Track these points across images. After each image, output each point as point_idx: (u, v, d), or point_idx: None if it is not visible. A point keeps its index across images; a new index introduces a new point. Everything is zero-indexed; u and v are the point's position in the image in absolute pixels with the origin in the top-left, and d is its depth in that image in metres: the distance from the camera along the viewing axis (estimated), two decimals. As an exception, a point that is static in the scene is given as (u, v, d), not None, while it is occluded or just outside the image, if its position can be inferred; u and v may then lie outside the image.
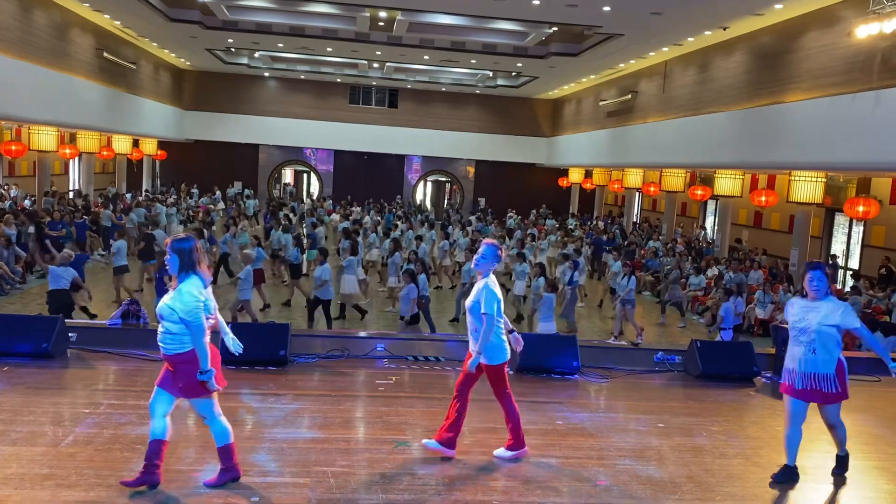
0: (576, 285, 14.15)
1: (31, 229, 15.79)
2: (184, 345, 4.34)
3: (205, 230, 16.84)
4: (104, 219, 19.44)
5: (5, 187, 22.46)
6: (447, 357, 8.20)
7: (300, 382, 7.09)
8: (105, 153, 24.51)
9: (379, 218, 23.34)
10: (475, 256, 5.33)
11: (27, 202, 20.70)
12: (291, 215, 22.36)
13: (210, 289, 4.50)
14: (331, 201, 30.73)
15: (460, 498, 4.69)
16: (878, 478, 5.56)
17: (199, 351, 4.31)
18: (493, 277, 5.28)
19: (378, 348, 8.16)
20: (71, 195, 23.69)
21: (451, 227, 22.17)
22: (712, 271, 16.69)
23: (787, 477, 5.14)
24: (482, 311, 5.13)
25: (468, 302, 5.27)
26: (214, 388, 4.37)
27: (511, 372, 7.83)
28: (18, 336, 7.03)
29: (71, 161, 26.76)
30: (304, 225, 20.21)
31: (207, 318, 4.40)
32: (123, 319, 8.23)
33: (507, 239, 19.56)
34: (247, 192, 31.29)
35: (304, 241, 16.75)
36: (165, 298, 4.40)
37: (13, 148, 17.72)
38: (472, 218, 26.71)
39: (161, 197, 25.65)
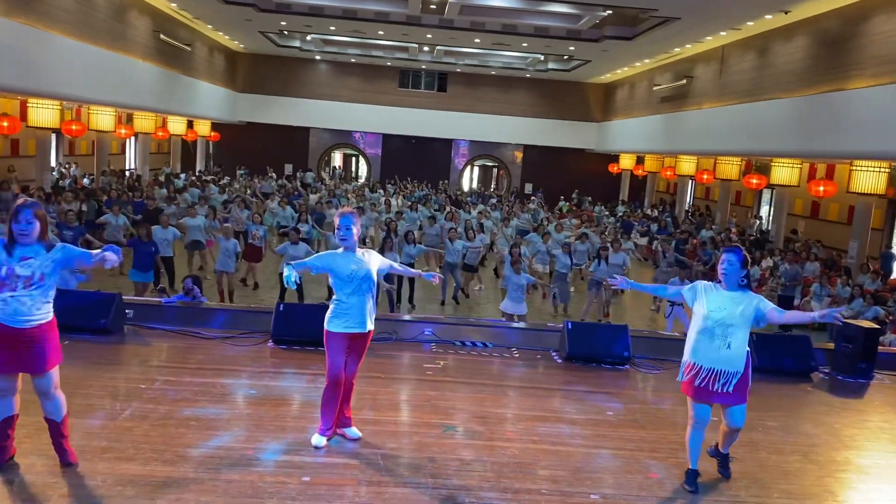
0: (576, 271, 14.47)
1: (85, 207, 16.11)
2: (49, 313, 4.21)
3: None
4: (158, 198, 19.82)
5: (66, 166, 23.13)
6: (495, 343, 8.18)
7: (349, 364, 7.13)
8: (160, 134, 24.98)
9: (400, 200, 23.04)
10: (338, 233, 4.97)
11: (86, 180, 21.26)
12: (314, 195, 22.41)
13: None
14: (354, 183, 30.56)
15: (509, 486, 4.67)
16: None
17: None
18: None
19: (426, 332, 8.18)
20: (128, 174, 24.27)
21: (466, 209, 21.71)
22: (766, 262, 16.29)
23: (691, 481, 4.80)
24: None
25: (377, 269, 5.15)
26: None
27: (560, 361, 7.80)
28: (78, 311, 7.21)
29: (127, 141, 27.39)
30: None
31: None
32: (181, 296, 8.44)
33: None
34: (308, 174, 31.44)
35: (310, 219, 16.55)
36: (27, 267, 4.10)
37: (73, 128, 18.20)
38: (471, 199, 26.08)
39: (215, 178, 26.04)
